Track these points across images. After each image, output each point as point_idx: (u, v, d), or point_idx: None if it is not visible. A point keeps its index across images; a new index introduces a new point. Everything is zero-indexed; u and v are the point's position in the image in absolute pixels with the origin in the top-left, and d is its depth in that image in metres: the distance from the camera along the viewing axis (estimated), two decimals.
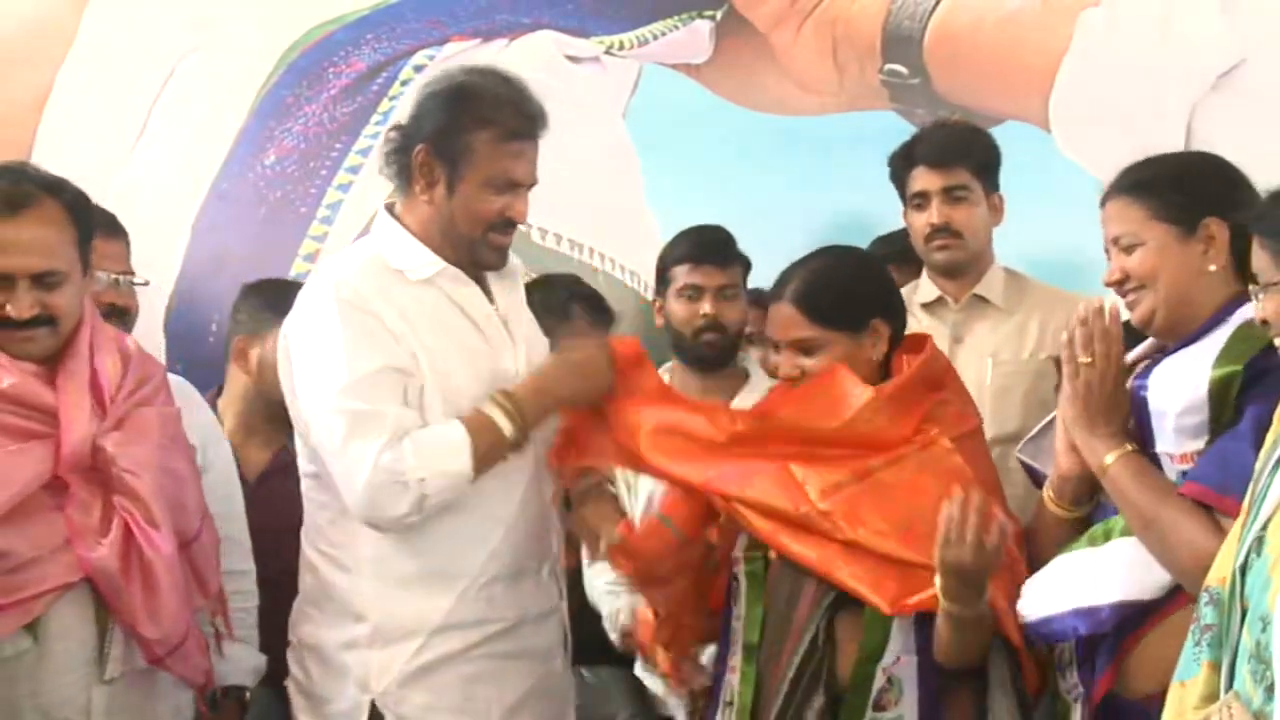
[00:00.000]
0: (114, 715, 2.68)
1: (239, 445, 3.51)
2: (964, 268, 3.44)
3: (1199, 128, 3.85)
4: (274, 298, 3.68)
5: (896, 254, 3.55)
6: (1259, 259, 2.21)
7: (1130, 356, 2.61)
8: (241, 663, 3.23)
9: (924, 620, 2.60)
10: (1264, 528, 2.10)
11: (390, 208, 2.88)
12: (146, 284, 3.39)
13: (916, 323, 3.39)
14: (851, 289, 2.83)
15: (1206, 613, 2.16)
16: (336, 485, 2.74)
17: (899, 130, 4.00)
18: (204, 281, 4.26)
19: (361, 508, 2.70)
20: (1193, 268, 2.54)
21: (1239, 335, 2.45)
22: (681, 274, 3.52)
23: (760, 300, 3.30)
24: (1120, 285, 2.60)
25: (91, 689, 2.63)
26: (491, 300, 2.88)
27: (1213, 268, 2.53)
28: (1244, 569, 2.11)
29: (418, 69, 4.46)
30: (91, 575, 2.62)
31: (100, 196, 3.91)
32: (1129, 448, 2.49)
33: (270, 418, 3.60)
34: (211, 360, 3.96)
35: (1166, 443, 2.49)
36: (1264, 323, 2.23)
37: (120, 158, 4.49)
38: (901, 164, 3.45)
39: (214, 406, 3.53)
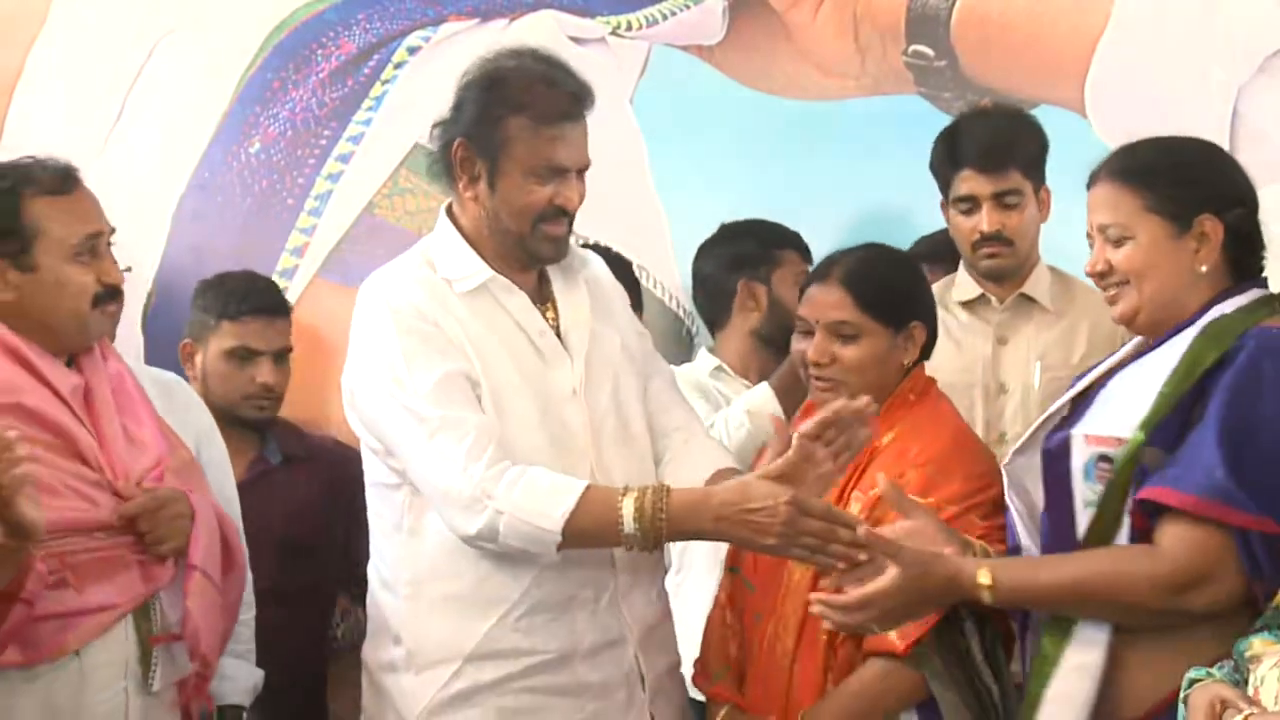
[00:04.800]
0: None
1: None
2: (1013, 272, 3.36)
3: (1246, 111, 3.76)
4: (215, 296, 3.64)
5: (931, 253, 3.49)
6: None
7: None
8: (239, 680, 3.18)
9: None
10: None
11: (450, 208, 2.80)
12: (129, 270, 3.21)
13: (955, 320, 3.35)
14: (901, 284, 2.84)
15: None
16: (419, 488, 2.69)
17: (924, 115, 3.97)
18: (184, 277, 4.08)
19: (441, 509, 2.65)
20: (1182, 268, 2.50)
21: (1193, 351, 2.43)
22: (797, 260, 3.58)
23: None
24: (1102, 277, 2.56)
25: (130, 702, 2.65)
26: (553, 305, 2.79)
27: (1203, 268, 2.48)
28: None
29: (412, 51, 4.36)
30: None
31: None
32: (982, 559, 2.52)
33: (235, 423, 3.53)
34: None
35: (1092, 425, 2.48)
36: None
37: (95, 145, 4.37)
38: (945, 164, 3.34)
39: None
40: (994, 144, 3.30)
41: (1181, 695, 2.19)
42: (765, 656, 2.77)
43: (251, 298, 3.64)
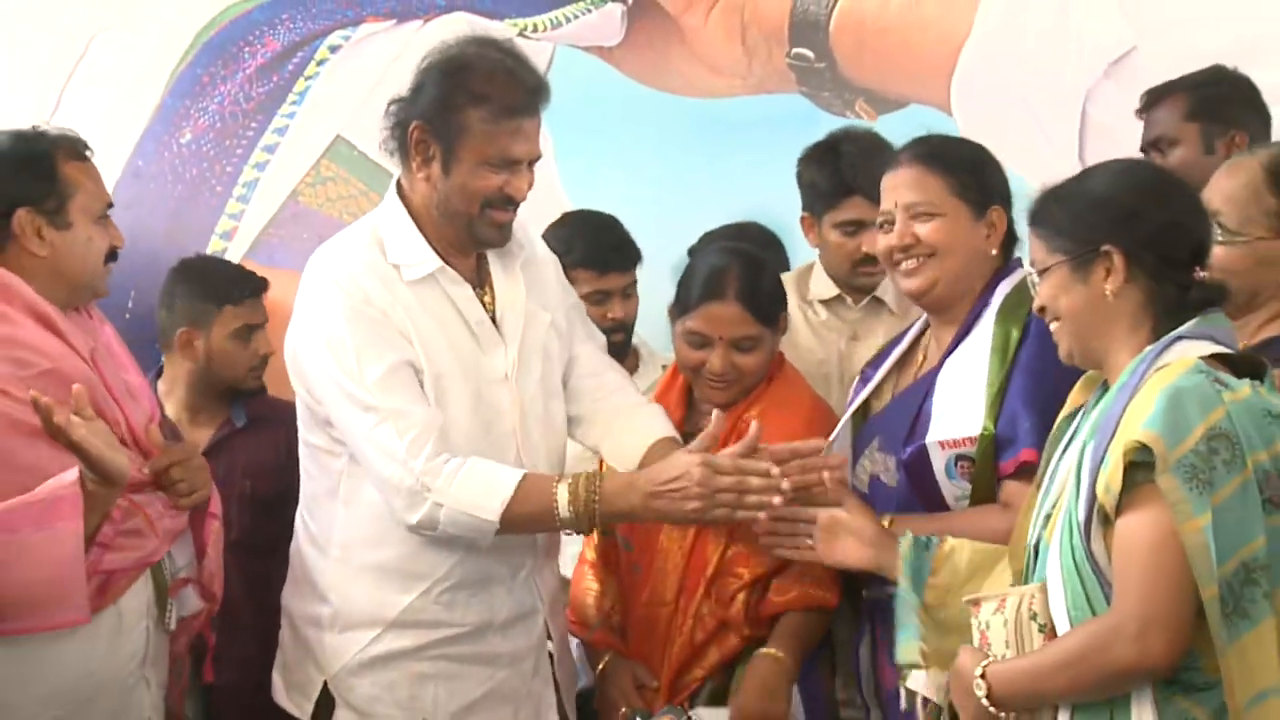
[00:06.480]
0: (157, 661, 2.75)
1: (183, 424, 3.53)
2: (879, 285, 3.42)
3: (1092, 112, 3.92)
4: (209, 285, 3.68)
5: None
6: (1035, 248, 2.29)
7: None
8: None
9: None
10: (1054, 505, 2.21)
11: (399, 185, 2.80)
12: None
13: (816, 315, 3.44)
14: (779, 289, 2.95)
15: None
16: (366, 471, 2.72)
17: (806, 113, 4.14)
18: (120, 260, 4.03)
19: (385, 497, 2.70)
20: (977, 249, 2.69)
21: (1000, 332, 2.60)
22: (586, 280, 3.39)
23: None
24: (905, 250, 2.68)
25: (150, 639, 2.70)
26: (490, 289, 2.80)
27: (993, 252, 2.69)
28: (1036, 545, 2.24)
29: (333, 49, 4.46)
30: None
31: None
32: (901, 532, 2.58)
33: (215, 396, 3.64)
34: (127, 338, 3.70)
35: (942, 430, 2.61)
36: (1040, 309, 2.30)
37: None
38: (829, 188, 3.32)
39: (154, 387, 3.48)
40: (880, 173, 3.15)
41: None
42: (643, 609, 2.92)
43: (246, 283, 3.72)
